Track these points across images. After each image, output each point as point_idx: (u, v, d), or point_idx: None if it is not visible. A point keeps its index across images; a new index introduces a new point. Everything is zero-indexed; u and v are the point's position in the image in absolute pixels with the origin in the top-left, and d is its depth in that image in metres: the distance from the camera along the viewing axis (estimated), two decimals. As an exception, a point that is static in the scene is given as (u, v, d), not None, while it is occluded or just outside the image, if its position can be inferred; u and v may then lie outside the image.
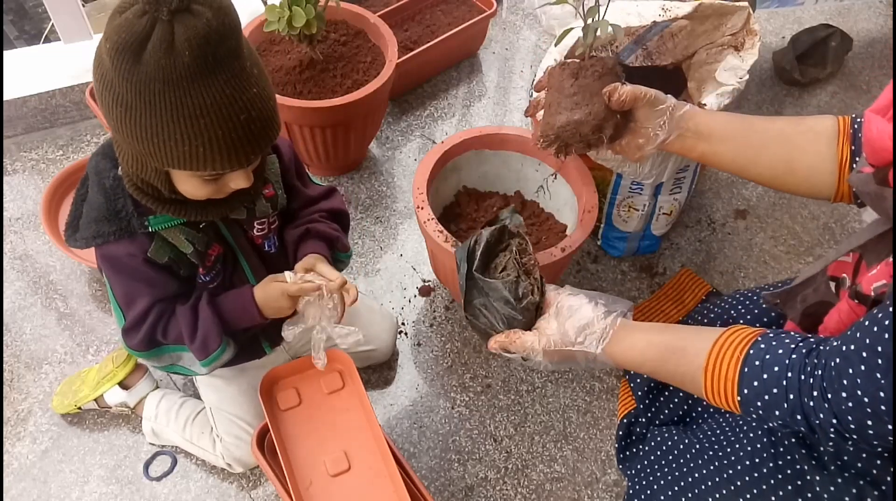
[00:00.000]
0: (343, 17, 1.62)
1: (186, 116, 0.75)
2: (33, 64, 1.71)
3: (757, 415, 0.78)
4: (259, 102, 0.79)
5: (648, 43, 1.51)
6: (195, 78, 0.74)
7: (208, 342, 0.97)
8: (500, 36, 2.09)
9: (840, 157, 0.92)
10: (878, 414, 0.66)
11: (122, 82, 0.74)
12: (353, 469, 1.05)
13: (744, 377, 0.77)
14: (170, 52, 0.72)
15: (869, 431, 0.68)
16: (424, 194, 1.26)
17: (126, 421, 1.29)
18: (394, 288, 1.50)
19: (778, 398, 0.74)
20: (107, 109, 0.79)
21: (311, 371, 1.12)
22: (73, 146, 1.70)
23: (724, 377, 0.79)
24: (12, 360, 1.35)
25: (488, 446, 1.30)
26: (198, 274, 1.00)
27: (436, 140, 1.78)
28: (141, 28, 0.71)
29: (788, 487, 0.89)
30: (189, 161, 0.79)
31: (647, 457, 1.15)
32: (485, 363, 1.41)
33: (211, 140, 0.77)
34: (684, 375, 0.84)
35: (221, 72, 0.75)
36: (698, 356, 0.82)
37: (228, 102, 0.76)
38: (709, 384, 0.81)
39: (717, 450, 1.01)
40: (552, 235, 1.35)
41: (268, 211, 1.02)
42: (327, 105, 1.42)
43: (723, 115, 1.01)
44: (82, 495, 1.21)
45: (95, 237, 0.91)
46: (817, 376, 0.72)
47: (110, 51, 0.73)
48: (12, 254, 1.50)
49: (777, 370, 0.75)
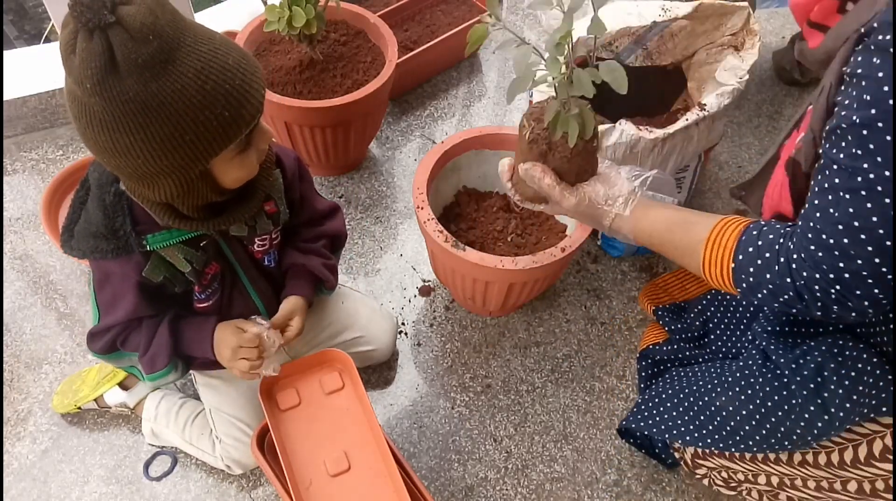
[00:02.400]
0: (343, 17, 1.62)
1: (172, 106, 0.73)
2: (33, 64, 1.71)
3: (747, 284, 0.82)
4: (239, 67, 0.77)
5: (648, 43, 1.51)
6: (167, 61, 0.71)
7: (155, 360, 1.00)
8: (501, 36, 2.08)
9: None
10: (845, 250, 0.72)
11: (98, 105, 0.72)
12: (353, 469, 1.05)
13: (741, 244, 0.83)
14: (134, 45, 0.69)
15: (845, 275, 0.73)
16: (424, 194, 1.26)
17: (126, 421, 1.29)
18: (394, 288, 1.50)
19: (770, 261, 0.79)
20: (92, 141, 0.76)
21: (311, 371, 1.12)
22: (73, 146, 1.70)
23: (724, 246, 0.85)
24: (12, 360, 1.35)
25: (488, 446, 1.30)
26: (192, 291, 1.00)
27: (436, 140, 1.78)
28: (99, 47, 0.69)
29: (774, 398, 0.96)
30: (191, 154, 0.77)
31: (663, 380, 1.25)
32: (485, 363, 1.41)
33: (203, 124, 0.75)
34: (687, 246, 0.90)
35: (186, 45, 0.73)
36: (703, 229, 0.88)
37: (208, 70, 0.74)
38: (707, 254, 0.87)
39: (722, 372, 1.09)
40: (552, 235, 1.35)
41: (269, 228, 1.02)
42: (327, 105, 1.42)
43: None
44: (82, 495, 1.21)
45: (93, 252, 0.90)
46: (798, 235, 0.78)
47: (85, 80, 0.70)
48: (12, 254, 1.50)
49: (772, 237, 0.81)
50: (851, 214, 0.71)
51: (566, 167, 0.97)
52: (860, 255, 0.71)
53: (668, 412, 1.16)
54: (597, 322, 1.48)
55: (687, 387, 1.15)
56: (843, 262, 0.72)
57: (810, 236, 0.75)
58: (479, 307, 1.43)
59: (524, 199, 1.06)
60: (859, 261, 0.71)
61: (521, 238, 1.34)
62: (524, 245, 1.33)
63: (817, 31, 0.87)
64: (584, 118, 0.91)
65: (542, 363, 1.42)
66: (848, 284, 0.73)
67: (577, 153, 0.95)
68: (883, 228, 0.69)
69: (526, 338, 1.45)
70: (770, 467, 1.05)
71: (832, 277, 0.73)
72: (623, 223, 0.97)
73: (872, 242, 0.70)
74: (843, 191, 0.71)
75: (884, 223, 0.69)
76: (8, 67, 1.69)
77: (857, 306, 0.74)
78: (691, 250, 0.89)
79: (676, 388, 1.17)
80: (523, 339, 1.45)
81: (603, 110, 1.51)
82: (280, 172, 1.03)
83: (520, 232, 1.35)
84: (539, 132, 0.96)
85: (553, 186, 0.98)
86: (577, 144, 0.93)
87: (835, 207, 0.72)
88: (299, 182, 1.07)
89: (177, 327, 1.01)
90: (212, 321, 1.01)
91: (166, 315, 1.00)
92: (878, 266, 0.71)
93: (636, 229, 0.96)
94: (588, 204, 0.98)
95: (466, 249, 1.19)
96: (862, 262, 0.71)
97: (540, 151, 0.97)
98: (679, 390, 1.16)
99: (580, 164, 0.97)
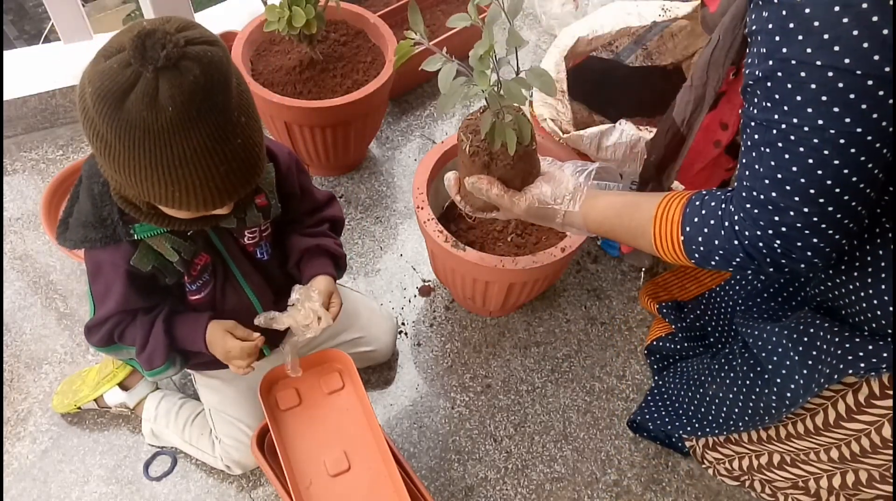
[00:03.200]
0: (343, 17, 1.62)
1: (165, 164, 0.74)
2: (33, 64, 1.71)
3: (699, 253, 0.84)
4: (242, 153, 0.78)
5: (648, 43, 1.51)
6: (176, 130, 0.72)
7: (153, 358, 1.00)
8: (500, 36, 2.08)
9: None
10: (776, 204, 0.74)
11: (102, 123, 0.73)
12: (353, 469, 1.05)
13: (686, 216, 0.85)
14: (152, 106, 0.70)
15: (782, 228, 0.74)
16: (424, 194, 1.26)
17: (126, 421, 1.29)
18: (394, 288, 1.50)
19: (715, 228, 0.81)
20: (88, 138, 0.78)
21: (311, 371, 1.12)
22: (73, 146, 1.70)
23: (671, 220, 0.87)
24: (12, 360, 1.35)
25: (488, 446, 1.30)
26: (184, 283, 1.00)
27: (436, 140, 1.78)
28: (125, 79, 0.70)
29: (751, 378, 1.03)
30: (165, 201, 0.79)
31: (667, 374, 1.29)
32: (485, 363, 1.41)
33: (188, 187, 0.77)
34: (637, 226, 0.91)
35: (205, 125, 0.73)
36: (650, 208, 0.90)
37: (209, 154, 0.75)
38: (657, 231, 0.88)
39: (711, 364, 1.15)
40: (552, 235, 1.35)
41: (259, 221, 1.01)
42: (327, 105, 1.42)
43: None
44: (82, 495, 1.21)
45: (83, 241, 0.92)
46: (735, 197, 0.80)
47: (92, 94, 0.72)
48: (12, 254, 1.50)
49: (713, 204, 0.83)
50: (773, 166, 0.72)
51: (510, 174, 0.98)
52: (791, 206, 0.73)
53: (671, 407, 1.19)
54: (597, 322, 1.48)
55: (685, 382, 1.18)
56: (778, 215, 0.74)
57: (744, 195, 0.77)
58: (479, 307, 1.43)
59: (475, 209, 1.07)
60: (791, 213, 0.73)
61: (521, 238, 1.34)
62: (524, 245, 1.33)
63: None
64: (519, 125, 0.92)
65: (542, 363, 1.42)
66: (787, 236, 0.75)
67: (519, 159, 0.96)
68: (804, 177, 0.70)
69: (526, 338, 1.45)
70: (770, 445, 1.09)
71: (771, 232, 0.75)
72: (574, 218, 0.99)
73: (798, 192, 0.71)
74: (762, 145, 0.73)
75: (804, 172, 0.70)
76: (8, 67, 1.69)
77: (802, 257, 0.76)
78: (642, 230, 0.90)
79: (677, 382, 1.21)
80: (523, 339, 1.45)
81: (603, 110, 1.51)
82: (273, 166, 1.03)
83: (520, 232, 1.35)
84: (478, 144, 0.97)
85: (501, 194, 0.99)
86: (518, 150, 0.93)
87: (759, 162, 0.74)
88: (298, 174, 1.08)
89: (171, 323, 1.01)
90: (204, 318, 1.01)
91: (161, 311, 1.00)
92: (809, 216, 0.72)
93: (588, 221, 0.98)
94: (538, 205, 0.99)
95: (466, 249, 1.19)
96: (794, 213, 0.73)
97: (482, 162, 0.97)
98: (680, 385, 1.20)
99: (523, 168, 0.98)
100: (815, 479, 1.07)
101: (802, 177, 0.70)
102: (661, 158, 1.13)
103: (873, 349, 0.85)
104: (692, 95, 1.01)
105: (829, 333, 0.90)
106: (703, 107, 1.01)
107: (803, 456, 1.06)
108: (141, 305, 0.99)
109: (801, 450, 1.05)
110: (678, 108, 1.03)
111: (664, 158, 1.13)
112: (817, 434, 0.99)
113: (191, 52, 0.71)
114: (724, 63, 0.89)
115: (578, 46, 1.41)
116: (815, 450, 1.03)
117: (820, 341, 0.91)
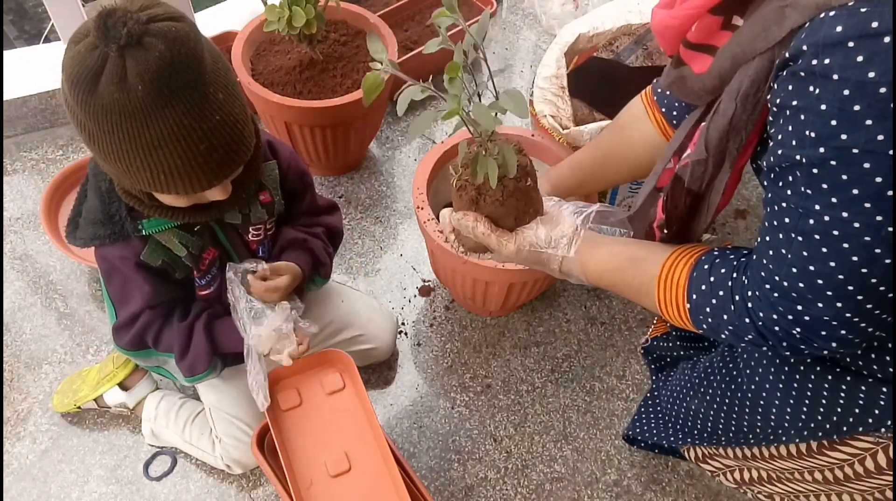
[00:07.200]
0: (343, 17, 1.62)
1: (144, 146, 0.74)
2: (33, 64, 1.71)
3: (707, 325, 0.76)
4: (222, 129, 0.77)
5: (649, 43, 1.51)
6: (151, 110, 0.72)
7: (196, 365, 1.01)
8: (500, 36, 2.09)
9: (657, 124, 0.98)
10: (802, 295, 0.66)
11: (80, 111, 0.74)
12: (354, 469, 1.05)
13: (692, 281, 0.77)
14: (123, 86, 0.71)
15: (804, 318, 0.67)
16: (424, 194, 1.26)
17: (126, 421, 1.29)
18: (394, 288, 1.50)
19: (724, 301, 0.73)
20: (75, 130, 0.79)
21: (312, 371, 1.12)
22: (73, 146, 1.70)
23: (676, 283, 0.78)
24: (12, 360, 1.35)
25: (488, 446, 1.30)
26: (193, 278, 1.01)
27: (436, 140, 1.78)
28: (93, 62, 0.71)
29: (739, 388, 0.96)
30: (153, 185, 0.79)
31: (666, 377, 1.23)
32: (485, 363, 1.41)
33: (171, 168, 0.77)
34: (640, 285, 0.83)
35: (179, 102, 0.73)
36: (654, 265, 0.81)
37: (186, 132, 0.75)
38: (661, 294, 0.80)
39: (692, 374, 1.10)
40: (552, 235, 1.35)
41: (263, 217, 1.02)
42: (327, 105, 1.42)
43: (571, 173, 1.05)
44: (82, 495, 1.21)
45: (93, 239, 0.93)
46: (751, 273, 0.72)
47: (66, 82, 0.73)
48: (12, 254, 1.50)
49: (724, 271, 0.74)
50: (806, 257, 0.65)
51: (500, 212, 0.87)
52: (819, 299, 0.65)
53: (661, 418, 1.17)
54: (597, 322, 1.48)
55: (671, 393, 1.15)
56: (801, 305, 0.67)
57: (763, 276, 0.69)
58: (479, 307, 1.43)
59: (468, 250, 0.99)
60: (819, 305, 0.66)
61: (521, 238, 1.34)
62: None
63: (701, 53, 0.80)
64: (504, 156, 0.80)
65: (542, 363, 1.42)
66: (810, 326, 0.68)
67: (510, 195, 0.85)
68: (843, 273, 0.63)
69: (526, 338, 1.45)
70: (755, 462, 1.05)
71: (791, 318, 0.68)
72: (572, 266, 0.88)
73: (832, 287, 0.64)
74: (794, 232, 0.65)
75: (844, 268, 0.62)
76: (8, 67, 1.69)
77: (825, 346, 0.69)
78: (646, 290, 0.82)
79: (665, 393, 1.17)
80: (523, 339, 1.45)
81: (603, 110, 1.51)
82: (275, 163, 1.04)
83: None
84: (466, 178, 0.88)
85: (488, 234, 0.89)
86: (508, 185, 0.83)
87: (787, 248, 0.66)
88: (299, 174, 1.08)
89: (212, 328, 1.02)
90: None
91: (198, 317, 1.01)
92: (842, 310, 0.65)
93: (586, 272, 0.88)
94: (529, 249, 0.89)
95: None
96: (823, 306, 0.65)
97: (470, 197, 0.88)
98: (667, 395, 1.17)
99: (516, 206, 0.86)
100: (805, 496, 1.03)
101: (841, 273, 0.63)
102: (682, 225, 0.92)
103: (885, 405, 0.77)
104: (708, 165, 0.83)
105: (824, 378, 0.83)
106: (726, 168, 0.83)
107: (788, 475, 1.00)
108: (166, 296, 0.99)
109: (787, 469, 0.99)
110: (692, 178, 0.84)
111: (684, 225, 0.96)
112: (800, 458, 0.93)
113: (153, 28, 0.71)
114: (747, 128, 0.76)
115: (579, 43, 1.41)
116: (798, 471, 0.97)
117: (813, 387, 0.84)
